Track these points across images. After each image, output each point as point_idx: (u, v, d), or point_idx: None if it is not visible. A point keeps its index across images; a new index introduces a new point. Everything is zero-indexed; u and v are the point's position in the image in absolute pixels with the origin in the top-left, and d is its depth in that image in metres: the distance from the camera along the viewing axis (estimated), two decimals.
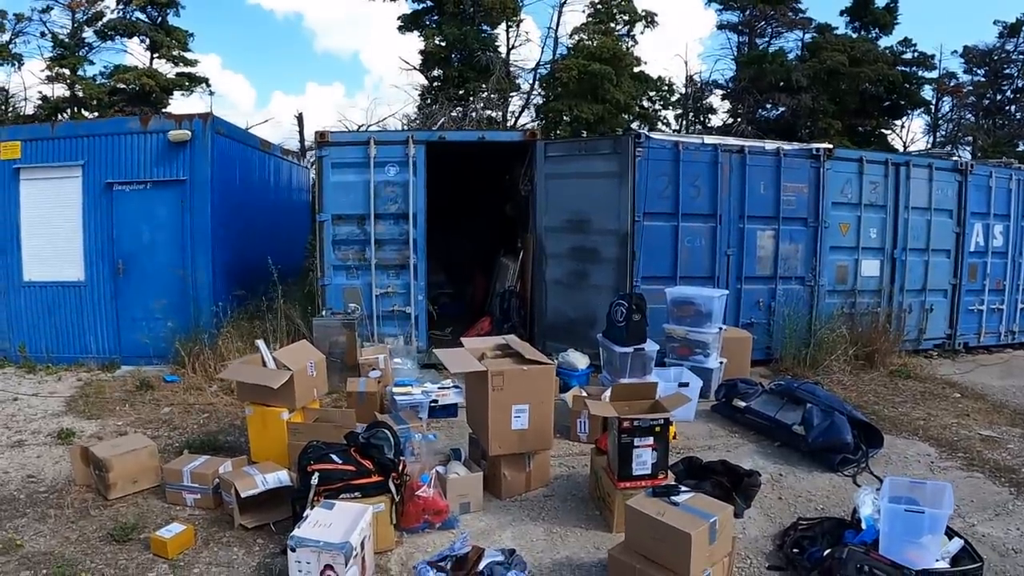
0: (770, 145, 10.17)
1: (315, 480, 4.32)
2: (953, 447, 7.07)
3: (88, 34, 28.83)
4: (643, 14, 27.65)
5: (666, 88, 29.83)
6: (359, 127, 18.67)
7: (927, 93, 31.57)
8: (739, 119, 29.49)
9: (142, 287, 9.26)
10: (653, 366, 8.02)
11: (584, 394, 6.96)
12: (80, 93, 27.14)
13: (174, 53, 28.74)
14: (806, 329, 9.99)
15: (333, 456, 4.48)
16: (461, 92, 25.34)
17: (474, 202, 13.17)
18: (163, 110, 25.50)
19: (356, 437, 4.72)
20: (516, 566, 4.01)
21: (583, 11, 27.27)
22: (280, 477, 4.96)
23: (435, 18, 27.37)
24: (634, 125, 25.94)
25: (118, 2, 28.32)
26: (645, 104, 28.75)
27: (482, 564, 3.89)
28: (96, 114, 25.79)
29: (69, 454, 5.77)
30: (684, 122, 30.30)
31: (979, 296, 11.98)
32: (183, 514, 5.03)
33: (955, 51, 33.46)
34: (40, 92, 28.20)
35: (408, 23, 28.35)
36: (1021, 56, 30.86)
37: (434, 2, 27.21)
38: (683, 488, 4.50)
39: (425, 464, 5.05)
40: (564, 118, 24.07)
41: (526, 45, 32.65)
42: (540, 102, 26.88)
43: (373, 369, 7.55)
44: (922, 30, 54.16)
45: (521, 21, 28.18)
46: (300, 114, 21.34)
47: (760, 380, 8.25)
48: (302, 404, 5.79)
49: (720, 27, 33.30)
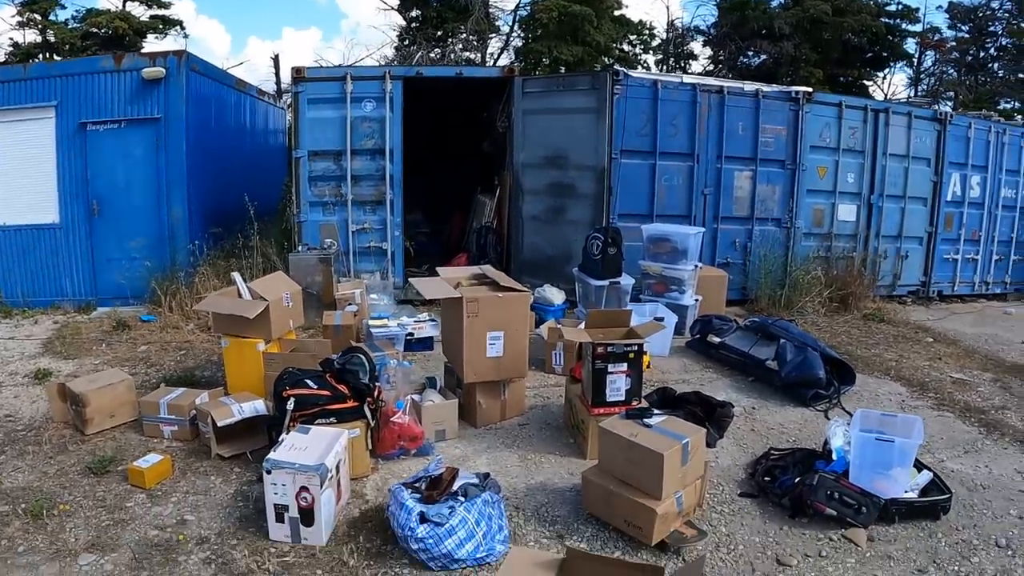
0: (749, 87, 10.16)
1: (291, 405, 4.31)
2: (924, 387, 7.16)
3: None
4: None
5: (647, 32, 29.47)
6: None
7: (910, 46, 31.21)
8: (720, 66, 29.21)
9: (118, 227, 9.14)
10: (628, 300, 8.07)
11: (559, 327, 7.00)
12: (52, 38, 26.41)
13: None
14: (782, 270, 10.06)
15: (309, 381, 4.47)
16: (440, 33, 24.94)
17: (452, 140, 13.10)
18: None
19: (331, 363, 4.72)
20: (490, 488, 4.03)
21: None
22: (256, 406, 4.97)
23: None
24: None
25: None
26: (625, 48, 28.38)
27: (456, 484, 3.90)
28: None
29: (46, 391, 5.73)
30: (664, 67, 29.88)
31: (955, 245, 12.06)
32: (161, 446, 5.02)
33: (940, 6, 33.04)
34: (11, 39, 27.51)
35: None
36: (1006, 14, 30.61)
37: None
38: (656, 411, 4.51)
39: (400, 391, 5.07)
40: (544, 60, 23.73)
41: None
42: (520, 44, 26.51)
43: (349, 304, 7.52)
44: None
45: None
46: (276, 56, 21.00)
47: (735, 318, 8.28)
48: (278, 335, 5.77)
49: None
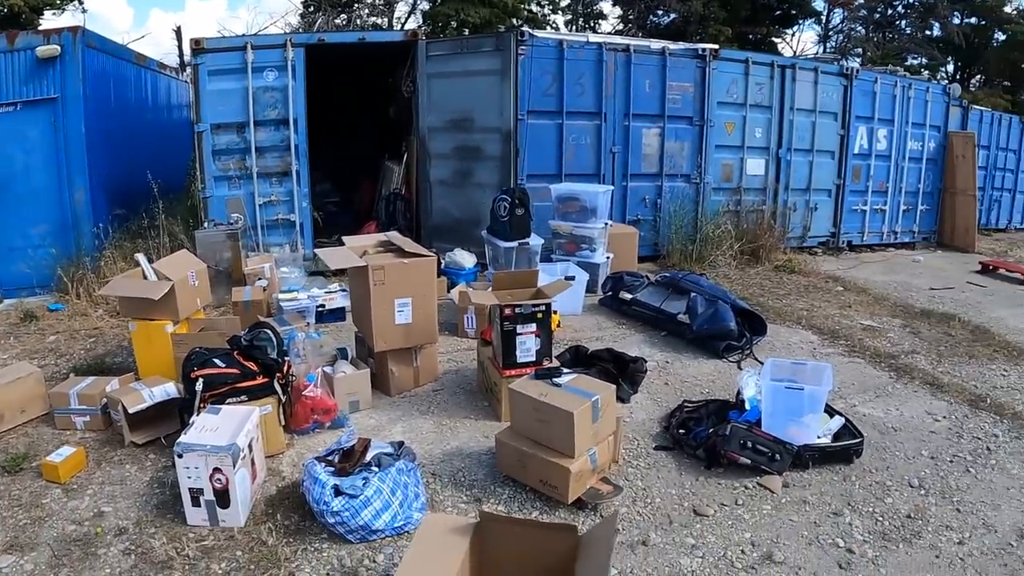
0: (656, 45, 10.26)
1: (199, 386, 4.25)
2: (835, 335, 7.37)
3: None
4: None
5: None
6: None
7: (819, 4, 31.62)
8: (629, 25, 29.31)
9: (19, 214, 8.75)
10: (539, 260, 8.13)
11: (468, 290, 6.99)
12: None
13: None
14: (692, 225, 10.28)
15: (216, 361, 4.40)
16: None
17: (359, 108, 12.92)
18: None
19: (239, 340, 4.65)
20: (405, 456, 4.04)
21: None
22: (167, 390, 4.88)
23: None
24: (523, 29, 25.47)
25: None
26: (534, 8, 28.26)
27: (369, 455, 3.91)
28: None
29: None
30: (574, 27, 29.89)
31: (863, 197, 12.47)
32: (74, 438, 4.90)
33: None
34: None
35: None
36: None
37: None
38: (566, 370, 4.55)
39: (311, 364, 5.03)
40: (451, 23, 23.54)
41: None
42: (427, 7, 26.22)
43: (259, 279, 7.40)
44: None
45: None
46: (179, 28, 20.47)
47: (646, 274, 8.40)
48: (186, 315, 5.67)
49: None
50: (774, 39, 30.49)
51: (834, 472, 4.49)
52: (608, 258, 8.66)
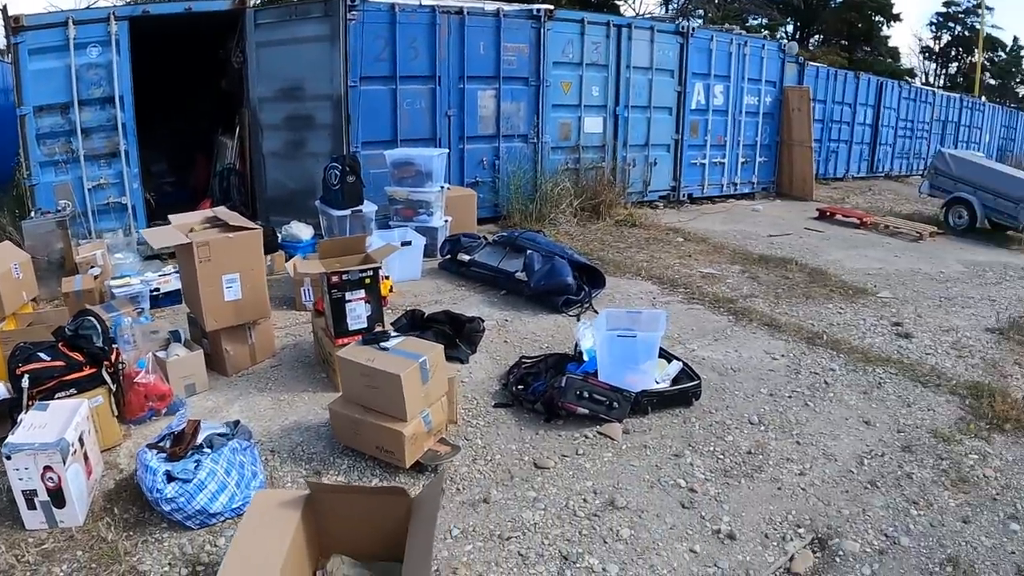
0: (490, 6, 10.34)
1: (26, 383, 4.10)
2: (675, 284, 7.70)
3: None
4: None
5: None
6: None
7: None
8: None
9: None
10: (374, 227, 8.13)
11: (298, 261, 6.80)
12: None
13: None
14: (531, 185, 10.49)
15: (41, 354, 4.25)
16: None
17: (193, 82, 12.42)
18: None
19: (63, 331, 4.51)
20: (240, 435, 3.99)
21: None
22: None
23: None
24: None
25: None
26: None
27: (200, 436, 3.86)
28: None
29: None
30: None
31: (701, 151, 13.06)
32: None
33: None
34: None
35: None
36: None
37: None
38: (393, 334, 4.52)
39: (142, 350, 4.89)
40: None
41: None
42: None
43: (92, 267, 7.15)
44: None
45: None
46: (4, 7, 19.06)
47: (484, 235, 8.52)
48: (12, 310, 5.50)
49: None
50: (616, 1, 30.82)
51: (674, 416, 4.66)
52: (447, 221, 8.71)
